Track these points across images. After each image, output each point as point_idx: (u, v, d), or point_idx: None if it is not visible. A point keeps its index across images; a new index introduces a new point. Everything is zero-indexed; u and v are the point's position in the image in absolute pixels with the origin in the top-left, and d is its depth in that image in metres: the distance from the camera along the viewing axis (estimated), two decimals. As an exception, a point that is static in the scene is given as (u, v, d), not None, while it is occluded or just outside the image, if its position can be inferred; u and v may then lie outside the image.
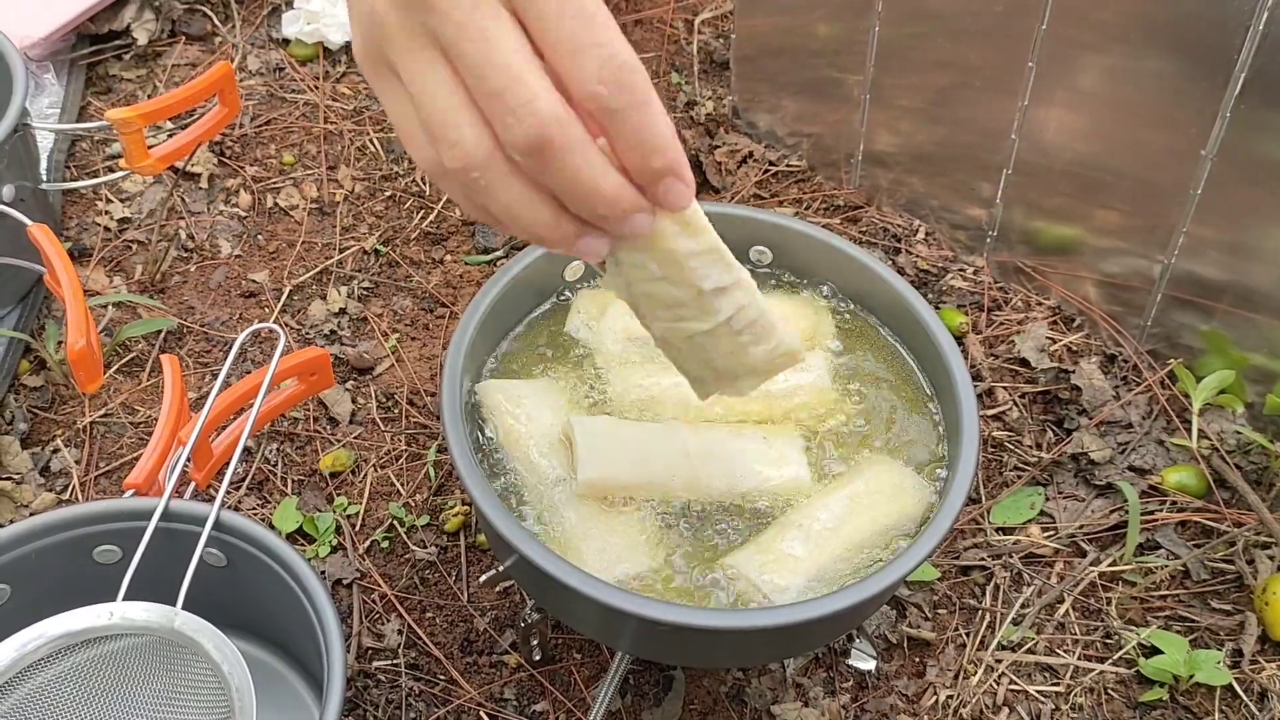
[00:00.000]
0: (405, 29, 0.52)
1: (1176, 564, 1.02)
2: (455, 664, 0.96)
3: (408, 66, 0.53)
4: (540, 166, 0.52)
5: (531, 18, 0.51)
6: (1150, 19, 1.00)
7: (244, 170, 1.33)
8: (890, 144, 1.26)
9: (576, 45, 0.51)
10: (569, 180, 0.53)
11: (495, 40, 0.51)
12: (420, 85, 0.53)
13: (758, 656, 0.89)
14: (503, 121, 0.51)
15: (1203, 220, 1.04)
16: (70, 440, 1.09)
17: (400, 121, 0.55)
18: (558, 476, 0.83)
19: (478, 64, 0.51)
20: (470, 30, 0.51)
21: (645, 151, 0.53)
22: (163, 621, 0.76)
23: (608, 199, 0.54)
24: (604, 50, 0.51)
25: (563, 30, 0.51)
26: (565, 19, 0.51)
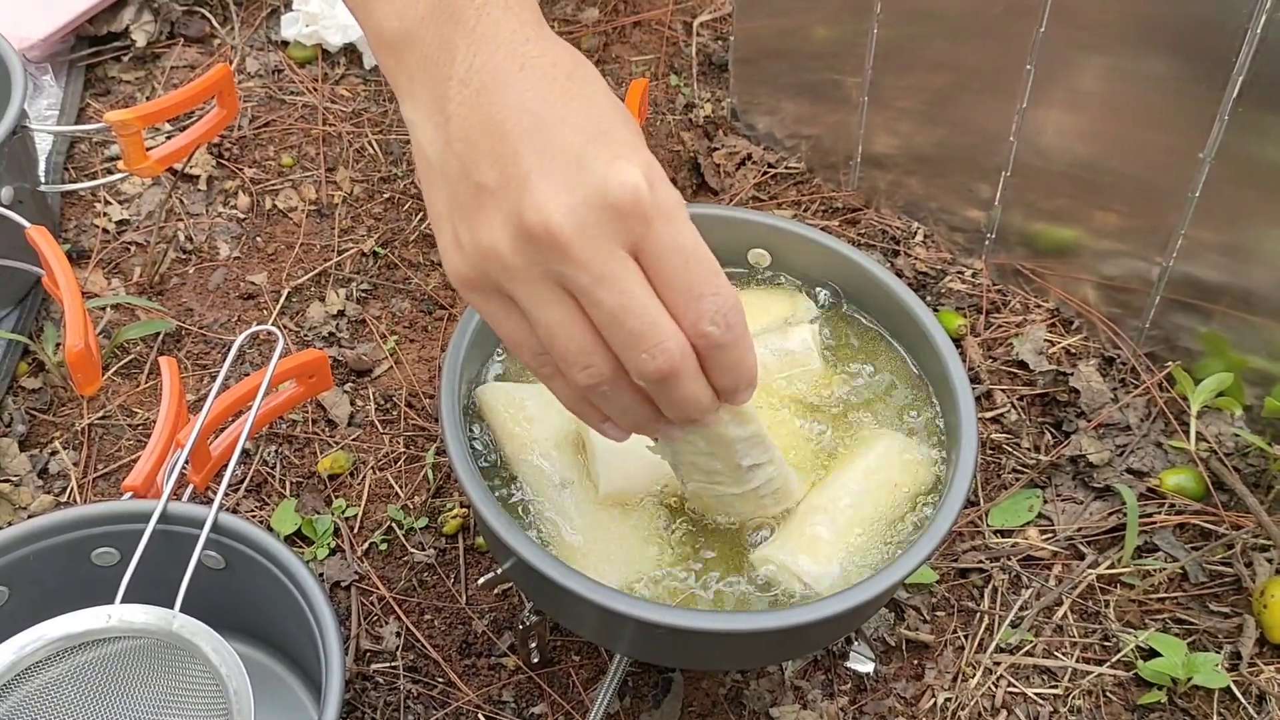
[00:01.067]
0: (529, 270, 0.58)
1: (1175, 567, 1.02)
2: (454, 666, 0.96)
3: (532, 301, 0.59)
4: (661, 390, 0.61)
5: (656, 264, 0.58)
6: (1148, 21, 1.00)
7: (242, 172, 1.33)
8: (889, 146, 1.26)
9: (698, 291, 0.59)
10: (680, 399, 0.62)
11: (629, 290, 0.57)
12: (548, 320, 0.59)
13: (756, 659, 0.89)
14: (637, 359, 0.59)
15: (1201, 223, 1.04)
16: (68, 442, 1.09)
17: (508, 332, 0.62)
18: (562, 480, 0.82)
19: (614, 311, 0.58)
20: (608, 283, 0.57)
21: (737, 377, 0.62)
22: (161, 624, 0.76)
23: (702, 410, 0.63)
24: (719, 298, 0.59)
25: (687, 279, 0.58)
26: (689, 269, 0.58)
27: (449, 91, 0.60)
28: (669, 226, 0.58)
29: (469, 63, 0.59)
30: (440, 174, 0.60)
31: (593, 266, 0.57)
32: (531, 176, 0.57)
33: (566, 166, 0.57)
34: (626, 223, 0.57)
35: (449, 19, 0.60)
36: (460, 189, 0.59)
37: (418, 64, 0.62)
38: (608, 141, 0.58)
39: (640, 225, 0.57)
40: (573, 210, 0.56)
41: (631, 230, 0.57)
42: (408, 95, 0.63)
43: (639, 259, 0.58)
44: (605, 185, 0.56)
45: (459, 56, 0.60)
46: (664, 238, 0.58)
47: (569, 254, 0.56)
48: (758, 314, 0.93)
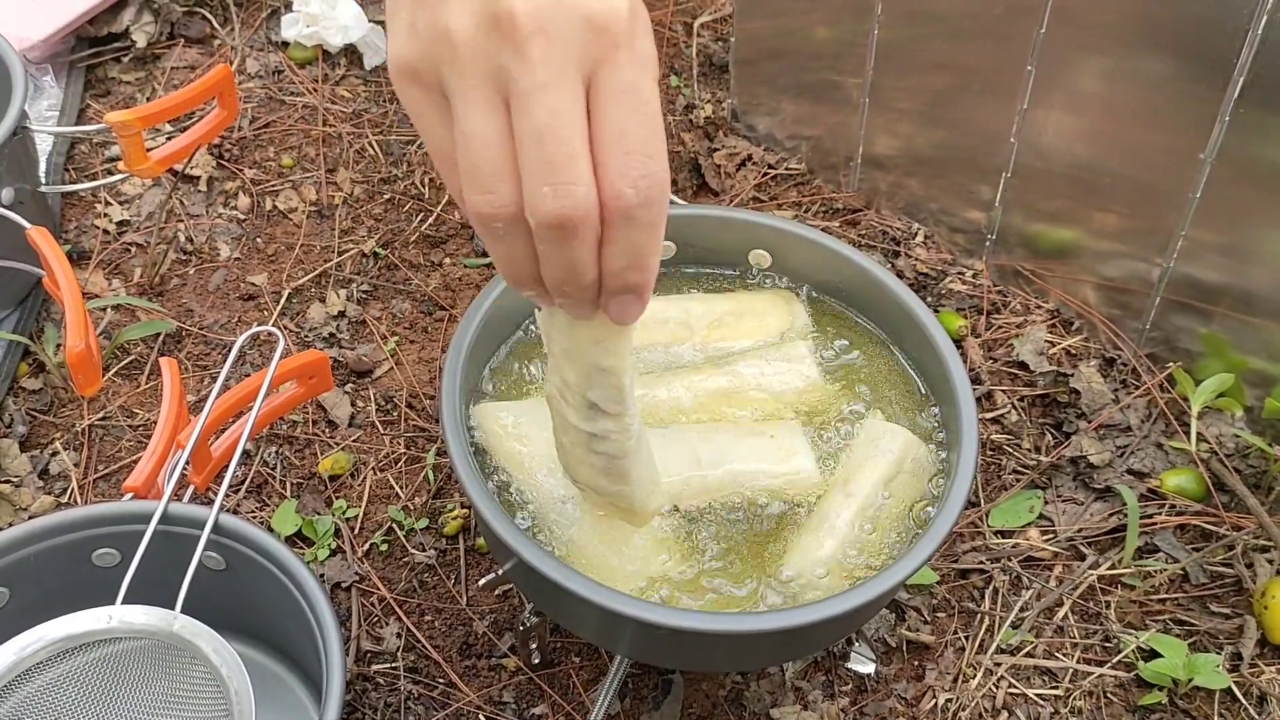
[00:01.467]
0: (477, 61, 0.52)
1: (1175, 567, 1.02)
2: (454, 667, 0.96)
3: (465, 100, 0.53)
4: (549, 240, 0.54)
5: (604, 99, 0.53)
6: (1149, 22, 1.00)
7: (243, 173, 1.33)
8: (889, 147, 1.26)
9: (631, 145, 0.53)
10: (563, 261, 0.55)
11: (566, 113, 0.52)
12: (470, 126, 0.53)
13: (757, 660, 0.89)
14: (538, 190, 0.52)
15: (1202, 223, 1.04)
16: (69, 443, 1.09)
17: (435, 139, 0.56)
18: (565, 494, 0.82)
19: (540, 128, 0.52)
20: (547, 94, 0.52)
21: (631, 264, 0.56)
22: (162, 625, 0.76)
23: (579, 288, 0.57)
24: (651, 163, 0.53)
25: (627, 125, 0.53)
26: (634, 117, 0.53)
27: None
28: (633, 65, 0.53)
29: None
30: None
31: (539, 70, 0.51)
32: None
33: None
34: (593, 40, 0.52)
35: None
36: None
37: None
38: None
39: (605, 49, 0.52)
40: (544, 7, 0.51)
41: (594, 51, 0.52)
42: None
43: (590, 91, 0.53)
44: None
45: None
46: (624, 72, 0.53)
47: (523, 48, 0.51)
48: (755, 321, 0.94)
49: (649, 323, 0.90)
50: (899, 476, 0.84)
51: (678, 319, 0.93)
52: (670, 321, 0.93)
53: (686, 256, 0.98)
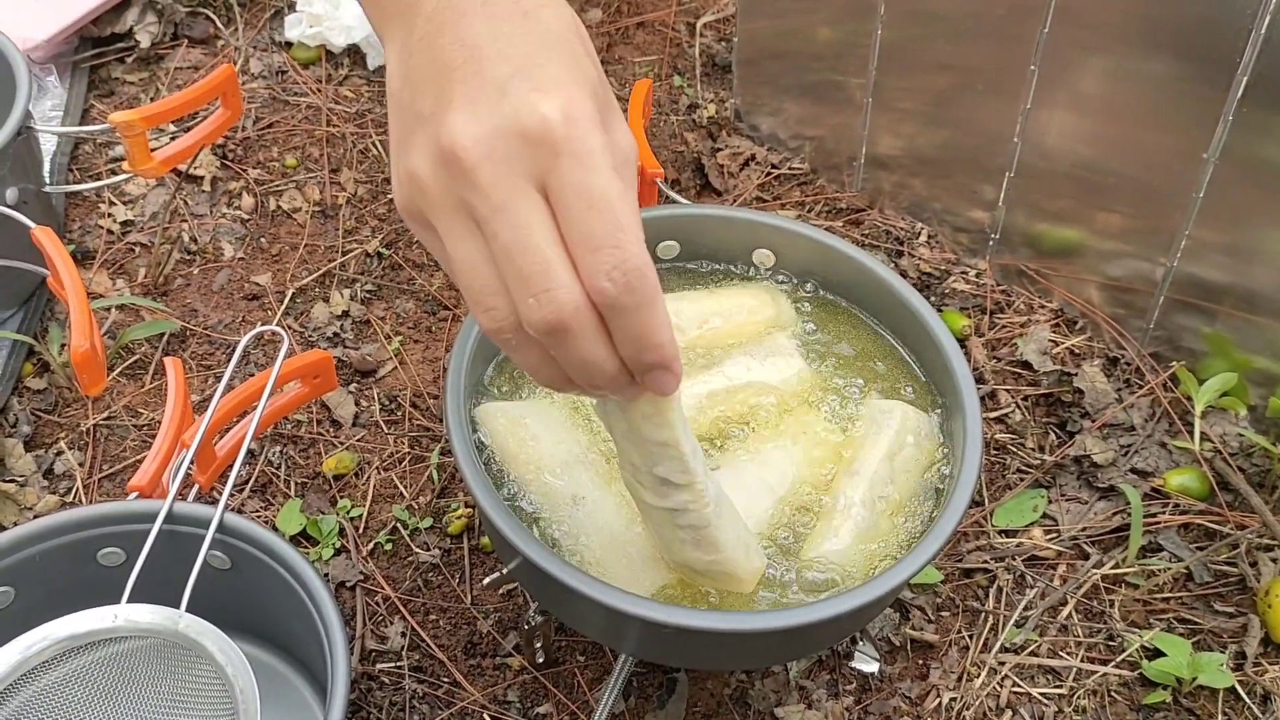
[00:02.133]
0: (444, 197, 0.56)
1: (1179, 566, 1.02)
2: (459, 666, 0.96)
3: (446, 232, 0.56)
4: (553, 344, 0.56)
5: (559, 205, 0.54)
6: (1152, 22, 1.00)
7: (246, 173, 1.34)
8: (892, 147, 1.26)
9: (596, 243, 0.54)
10: (575, 359, 0.57)
11: (527, 226, 0.54)
12: (457, 253, 0.56)
13: (761, 659, 0.89)
14: (524, 302, 0.55)
15: (1205, 223, 1.04)
16: (74, 443, 1.09)
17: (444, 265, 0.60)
18: (574, 496, 0.82)
19: (508, 246, 0.54)
20: (506, 215, 0.54)
21: (640, 347, 0.57)
22: (167, 624, 0.76)
23: (605, 379, 0.58)
24: (620, 253, 0.54)
25: (585, 225, 0.54)
26: (589, 215, 0.54)
27: (415, 27, 0.59)
28: (578, 167, 0.54)
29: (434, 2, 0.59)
30: (395, 107, 0.60)
31: (493, 195, 0.54)
32: (454, 102, 0.55)
33: (489, 95, 0.55)
34: (534, 154, 0.54)
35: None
36: (405, 119, 0.58)
37: (396, 10, 0.61)
38: (536, 74, 0.55)
39: (547, 159, 0.54)
40: (482, 136, 0.54)
41: (539, 163, 0.54)
42: (387, 39, 0.62)
43: (548, 198, 0.55)
44: (517, 114, 0.54)
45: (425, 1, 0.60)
46: (570, 176, 0.54)
47: (472, 179, 0.54)
48: (744, 317, 0.94)
49: None
50: (903, 450, 0.85)
51: None
52: None
53: (690, 255, 0.98)
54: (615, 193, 0.55)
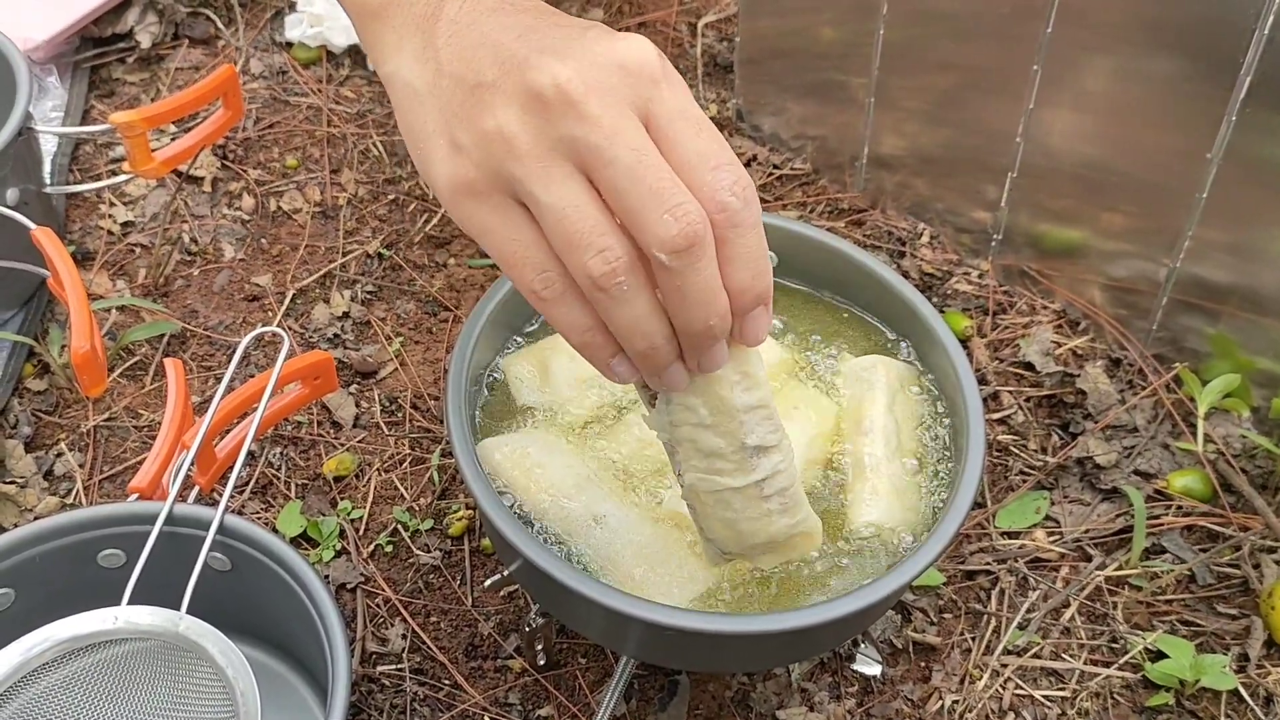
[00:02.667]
0: (541, 143, 0.55)
1: (1182, 568, 1.02)
2: (459, 668, 0.96)
3: (543, 181, 0.55)
4: (685, 264, 0.55)
5: (667, 129, 0.55)
6: (1155, 22, 0.99)
7: (247, 173, 1.33)
8: (895, 147, 1.26)
9: (714, 160, 0.55)
10: (702, 281, 0.56)
11: (646, 148, 0.54)
12: (558, 199, 0.55)
13: (763, 661, 0.89)
14: (658, 220, 0.54)
15: (1209, 223, 1.03)
16: (74, 444, 1.09)
17: (508, 246, 0.58)
18: (594, 516, 0.81)
19: (632, 166, 0.54)
20: (625, 136, 0.54)
21: (755, 270, 0.57)
22: (167, 626, 0.76)
23: (722, 309, 0.57)
24: (736, 168, 0.56)
25: (699, 145, 0.55)
26: (701, 136, 0.55)
27: (438, 31, 0.60)
28: (681, 93, 0.56)
29: (458, 8, 0.60)
30: (430, 97, 0.59)
31: (604, 121, 0.54)
32: (530, 56, 0.56)
33: (570, 43, 0.56)
34: (637, 82, 0.55)
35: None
36: (455, 98, 0.58)
37: (407, 21, 0.62)
38: (605, 31, 0.57)
39: (650, 87, 0.55)
40: (581, 70, 0.54)
41: (641, 91, 0.55)
42: (394, 50, 0.62)
43: (649, 128, 0.55)
44: (613, 50, 0.55)
45: (448, 6, 0.60)
46: (675, 101, 0.56)
47: (581, 110, 0.54)
48: None
49: None
50: (896, 399, 0.87)
51: None
52: None
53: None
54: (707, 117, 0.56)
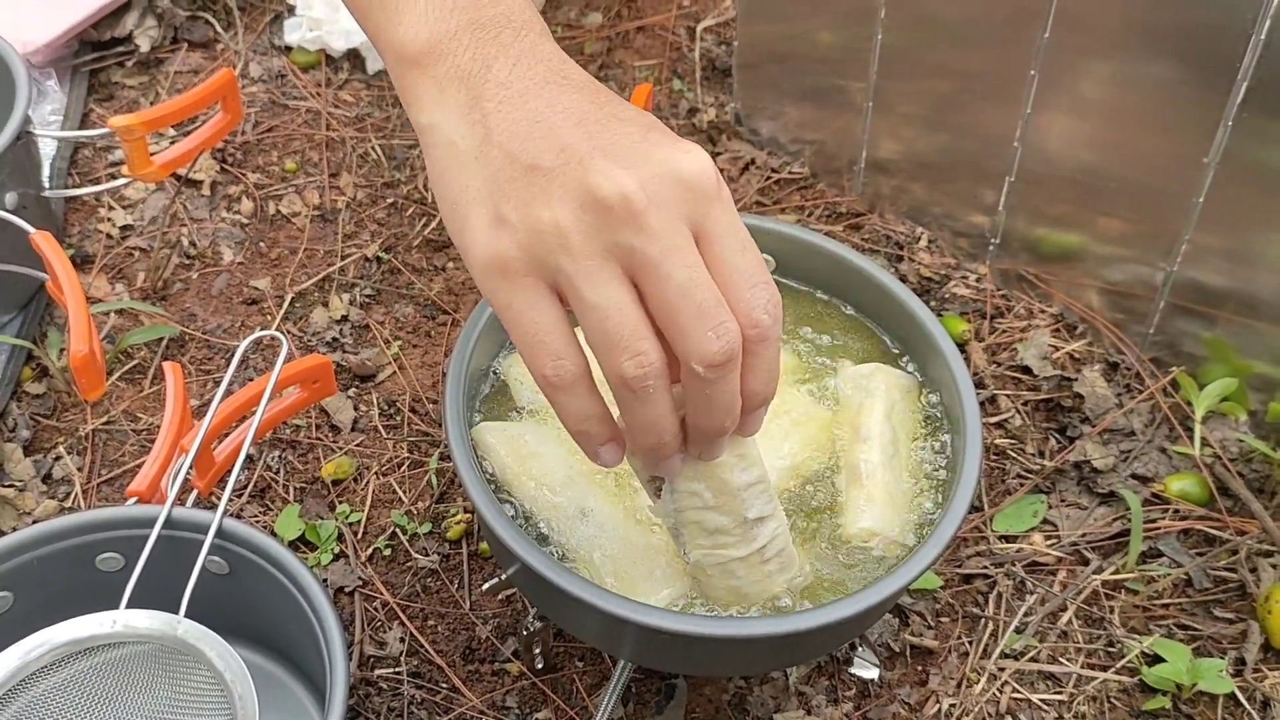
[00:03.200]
0: (594, 244, 0.57)
1: (1179, 572, 1.02)
2: (457, 672, 0.96)
3: (592, 281, 0.57)
4: (719, 376, 0.59)
5: (716, 245, 0.58)
6: (1152, 27, 1.00)
7: (246, 177, 1.34)
8: (893, 151, 1.26)
9: (753, 279, 0.59)
10: (725, 397, 0.60)
11: (698, 266, 0.58)
12: (602, 299, 0.57)
13: (760, 665, 0.89)
14: (702, 336, 0.57)
15: (1206, 228, 1.04)
16: (72, 447, 1.09)
17: (537, 330, 0.60)
18: (581, 510, 0.81)
19: (684, 284, 0.57)
20: (680, 254, 0.57)
21: (768, 379, 0.61)
22: (165, 629, 0.76)
23: (736, 413, 0.62)
24: (770, 288, 0.59)
25: (742, 263, 0.59)
26: (744, 254, 0.59)
27: (485, 92, 0.61)
28: (729, 210, 0.59)
29: (508, 71, 0.61)
30: (476, 163, 0.60)
31: (664, 237, 0.56)
32: (595, 155, 0.57)
33: (629, 150, 0.58)
34: (695, 198, 0.57)
35: (486, 37, 0.62)
36: (505, 172, 0.59)
37: (449, 73, 0.62)
38: (664, 134, 0.59)
39: (706, 204, 0.58)
40: (645, 182, 0.56)
41: (698, 207, 0.58)
42: (433, 102, 0.63)
43: (698, 240, 0.58)
44: (675, 162, 0.57)
45: (496, 66, 0.61)
46: (725, 218, 0.58)
47: (642, 223, 0.56)
48: None
49: None
50: (895, 407, 0.87)
51: None
52: None
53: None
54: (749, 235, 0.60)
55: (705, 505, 0.71)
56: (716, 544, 0.73)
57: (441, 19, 0.63)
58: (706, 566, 0.75)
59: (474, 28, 0.62)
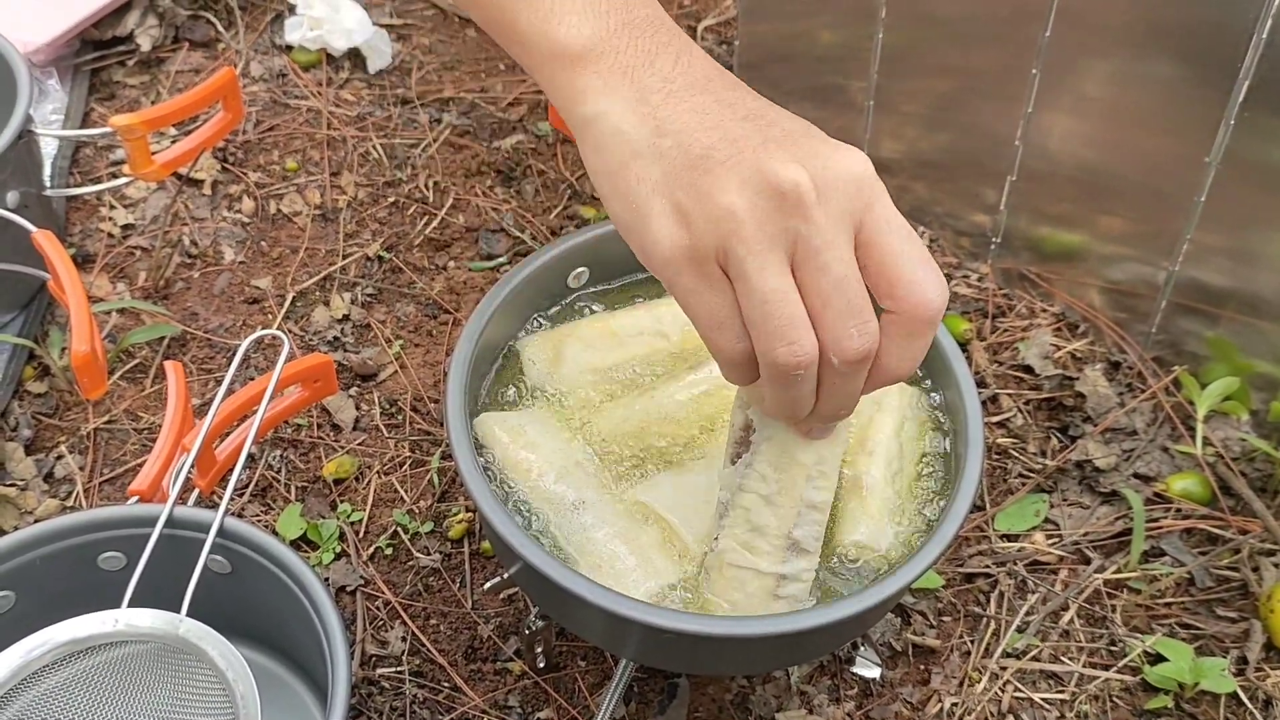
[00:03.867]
0: (766, 230, 0.58)
1: (1181, 571, 1.02)
2: (459, 671, 0.96)
3: (759, 266, 0.59)
4: (853, 372, 0.61)
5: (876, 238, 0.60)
6: (1154, 25, 1.00)
7: (247, 176, 1.33)
8: (894, 150, 1.26)
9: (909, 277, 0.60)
10: (853, 389, 0.62)
11: (852, 263, 0.59)
12: (768, 285, 0.59)
13: (762, 664, 0.89)
14: (846, 332, 0.59)
15: (1207, 227, 1.04)
16: (74, 447, 1.09)
17: (719, 313, 0.61)
18: (576, 501, 0.82)
19: (840, 279, 0.59)
20: (839, 250, 0.59)
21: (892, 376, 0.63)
22: (167, 628, 0.76)
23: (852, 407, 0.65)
24: (939, 272, 0.61)
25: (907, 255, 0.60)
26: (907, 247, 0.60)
27: (651, 85, 0.63)
28: (888, 204, 0.60)
29: (670, 66, 0.64)
30: (651, 152, 0.62)
31: (828, 230, 0.58)
32: (769, 145, 0.60)
33: (797, 144, 0.60)
34: (858, 195, 0.59)
35: (645, 35, 0.66)
36: (680, 161, 0.61)
37: (615, 68, 0.65)
38: (823, 135, 0.62)
39: (870, 200, 0.60)
40: (816, 174, 0.58)
41: (862, 204, 0.59)
42: (599, 94, 0.65)
43: (859, 232, 0.60)
44: (844, 163, 0.59)
45: (659, 62, 0.64)
46: (887, 213, 0.60)
47: (812, 213, 0.58)
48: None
49: (625, 338, 0.90)
50: (905, 425, 0.87)
51: (652, 329, 0.92)
52: (645, 333, 0.92)
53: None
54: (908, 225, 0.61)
55: (764, 494, 0.72)
56: (749, 544, 0.74)
57: (600, 18, 0.66)
58: (725, 563, 0.75)
59: (630, 27, 0.66)
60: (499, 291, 0.88)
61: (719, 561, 0.75)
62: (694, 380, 0.89)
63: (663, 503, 0.82)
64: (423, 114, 1.41)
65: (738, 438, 0.72)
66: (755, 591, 0.75)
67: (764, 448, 0.71)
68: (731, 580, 0.75)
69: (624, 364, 0.90)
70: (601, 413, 0.87)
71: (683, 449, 0.86)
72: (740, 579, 0.75)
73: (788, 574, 0.74)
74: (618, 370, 0.90)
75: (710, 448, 0.86)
